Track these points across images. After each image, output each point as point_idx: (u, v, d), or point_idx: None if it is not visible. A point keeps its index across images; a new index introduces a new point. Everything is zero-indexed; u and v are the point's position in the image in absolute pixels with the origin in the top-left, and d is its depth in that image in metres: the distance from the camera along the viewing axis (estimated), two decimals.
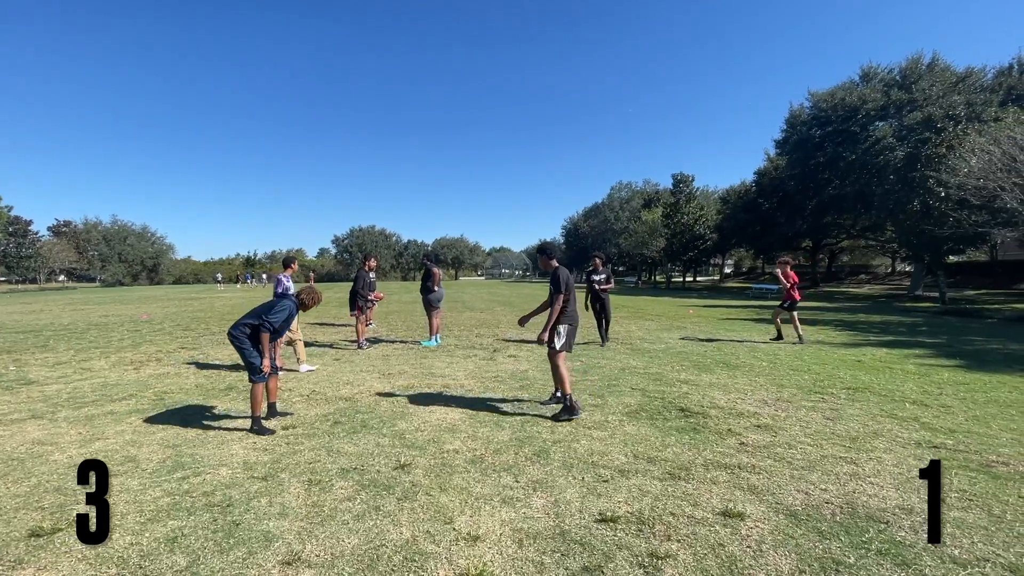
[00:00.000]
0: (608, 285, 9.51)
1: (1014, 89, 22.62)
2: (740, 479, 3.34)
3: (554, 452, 3.85)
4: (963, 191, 15.46)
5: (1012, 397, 5.50)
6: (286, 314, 4.61)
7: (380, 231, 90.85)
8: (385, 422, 4.67)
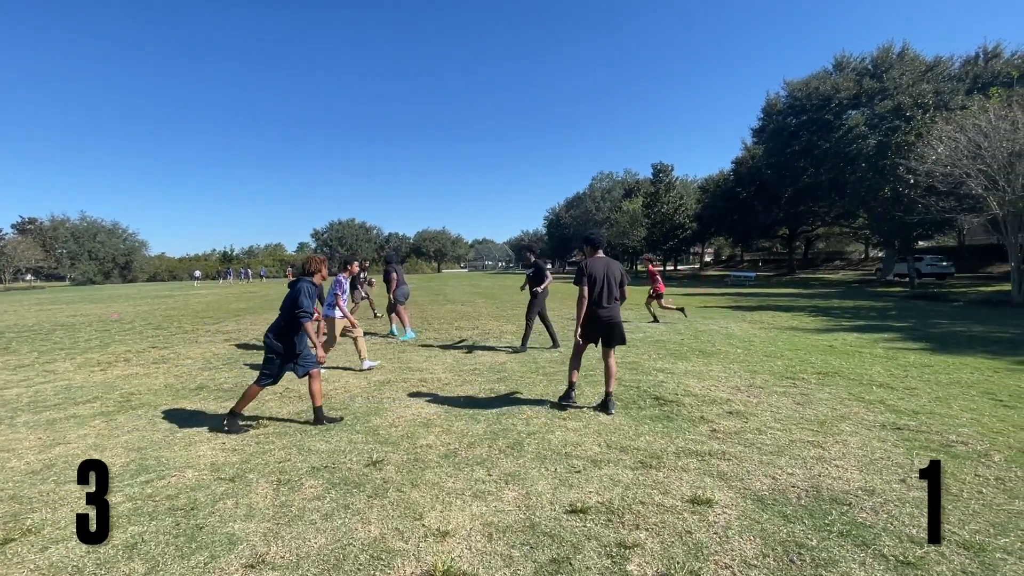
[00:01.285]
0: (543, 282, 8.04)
1: (979, 78, 23.22)
2: (710, 466, 3.38)
3: (528, 444, 3.85)
4: (931, 178, 15.86)
5: (973, 378, 5.68)
6: (305, 294, 4.40)
7: (360, 224, 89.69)
8: (359, 418, 4.61)
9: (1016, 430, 3.95)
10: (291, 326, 4.41)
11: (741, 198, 33.76)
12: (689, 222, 37.82)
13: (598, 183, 63.25)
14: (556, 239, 75.13)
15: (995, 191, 14.31)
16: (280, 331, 4.41)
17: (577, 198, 67.51)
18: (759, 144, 33.62)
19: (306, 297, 4.36)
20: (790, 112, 29.52)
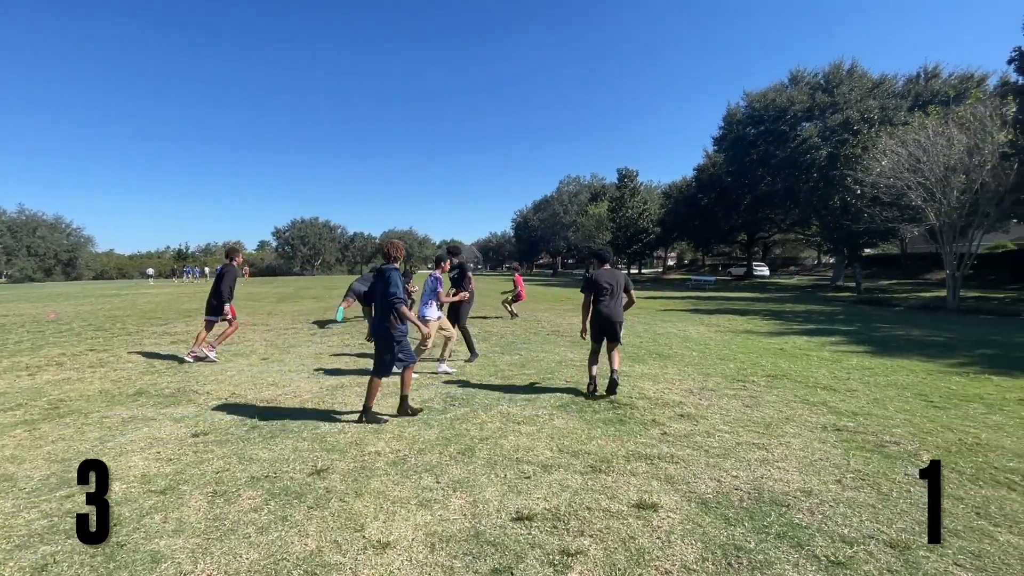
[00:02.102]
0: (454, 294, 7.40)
1: (920, 96, 24.71)
2: (658, 469, 3.42)
3: (480, 450, 3.80)
4: (876, 189, 16.73)
5: (908, 380, 5.98)
6: (394, 281, 4.47)
7: (324, 223, 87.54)
8: (307, 424, 4.45)
9: (944, 430, 4.16)
10: (391, 315, 4.49)
11: (702, 204, 34.79)
12: (653, 226, 38.68)
13: (565, 186, 63.94)
14: (524, 241, 75.43)
15: (933, 203, 15.20)
16: (384, 321, 4.48)
17: (545, 201, 68.01)
18: (720, 152, 34.73)
19: (396, 285, 4.44)
20: (749, 122, 30.61)
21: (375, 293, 4.61)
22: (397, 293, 4.40)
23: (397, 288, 4.42)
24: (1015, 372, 6.35)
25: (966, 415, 4.59)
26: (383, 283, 4.48)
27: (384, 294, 4.44)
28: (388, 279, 4.46)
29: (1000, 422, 4.38)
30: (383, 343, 4.51)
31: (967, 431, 4.14)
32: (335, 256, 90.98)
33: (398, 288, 4.43)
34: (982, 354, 7.68)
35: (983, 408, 4.81)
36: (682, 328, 10.77)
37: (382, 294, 4.48)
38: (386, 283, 4.45)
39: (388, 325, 4.46)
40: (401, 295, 4.43)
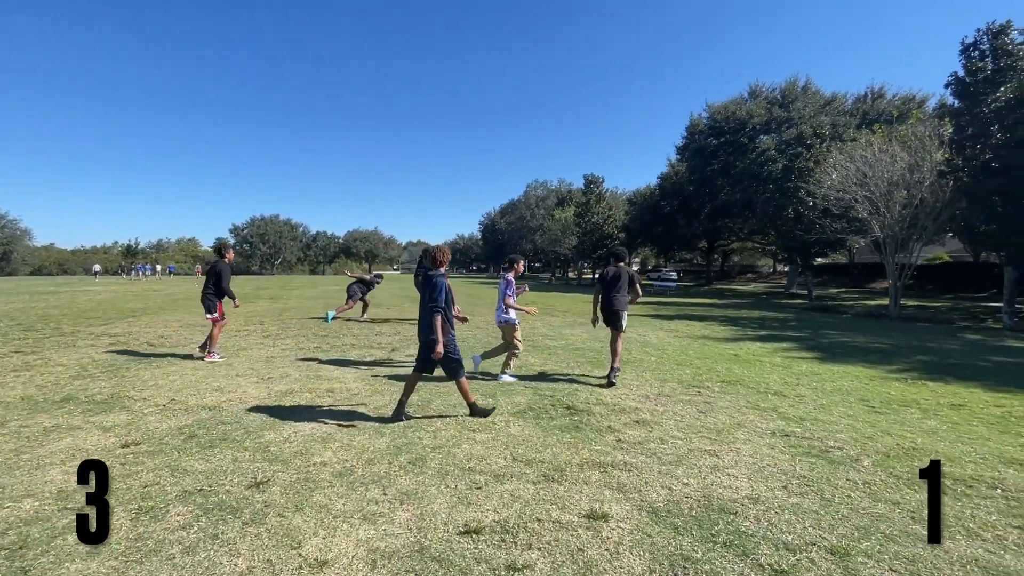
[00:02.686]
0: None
1: (867, 114, 26.14)
2: (611, 478, 3.40)
3: (431, 459, 3.68)
4: (827, 201, 17.53)
5: (853, 385, 6.22)
6: (441, 288, 4.49)
7: (285, 221, 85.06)
8: (250, 433, 4.22)
9: (883, 435, 4.33)
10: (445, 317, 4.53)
11: (665, 212, 35.68)
12: (617, 232, 39.32)
13: (533, 190, 64.31)
14: (491, 244, 75.34)
15: (877, 216, 16.04)
16: (432, 327, 4.46)
17: (512, 205, 68.19)
18: (682, 161, 35.71)
19: (442, 292, 4.47)
20: (711, 133, 31.61)
21: (423, 301, 4.62)
22: (439, 302, 4.43)
23: (440, 296, 4.45)
24: (948, 378, 6.71)
25: (904, 420, 4.79)
26: (429, 289, 4.51)
27: (430, 302, 4.47)
28: (435, 285, 4.49)
29: (934, 427, 4.60)
30: (427, 351, 4.53)
31: (904, 436, 4.31)
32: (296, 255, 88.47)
33: (441, 296, 4.45)
34: (919, 360, 8.10)
35: (919, 413, 5.04)
36: (642, 333, 10.93)
37: (428, 302, 4.50)
38: (431, 290, 4.49)
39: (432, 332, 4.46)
40: (443, 304, 4.45)
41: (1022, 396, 5.78)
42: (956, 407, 5.27)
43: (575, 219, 40.67)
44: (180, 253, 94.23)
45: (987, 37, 13.76)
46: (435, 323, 4.40)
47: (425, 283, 4.62)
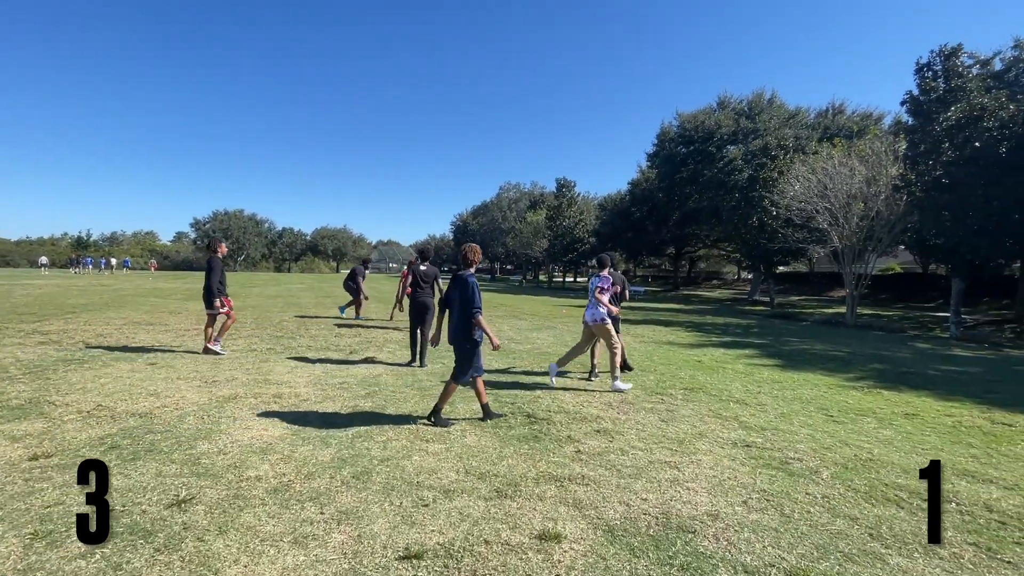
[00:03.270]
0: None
1: (828, 128, 27.08)
2: (568, 493, 3.22)
3: (378, 472, 3.43)
4: (789, 211, 18.00)
5: (812, 394, 6.26)
6: (474, 289, 4.44)
7: (250, 216, 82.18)
8: (181, 443, 3.87)
9: (842, 445, 4.31)
10: (470, 322, 4.43)
11: (635, 217, 36.16)
12: (588, 237, 39.59)
13: (505, 192, 64.22)
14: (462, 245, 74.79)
15: (836, 227, 16.56)
16: (463, 329, 4.42)
17: (484, 206, 67.91)
18: (653, 168, 36.23)
19: (477, 292, 4.40)
20: (680, 141, 32.17)
21: (451, 300, 4.55)
22: (476, 303, 4.38)
23: (476, 297, 4.39)
24: (901, 387, 6.85)
25: (861, 430, 4.80)
26: (461, 290, 4.44)
27: (463, 302, 4.40)
28: (466, 285, 4.43)
29: (890, 437, 4.62)
30: (460, 352, 4.48)
31: (862, 446, 4.31)
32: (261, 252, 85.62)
33: (476, 297, 4.39)
34: (874, 369, 8.29)
35: (875, 422, 5.08)
36: None
37: (461, 302, 4.42)
38: (463, 290, 4.43)
39: (465, 335, 4.43)
40: (480, 305, 4.40)
41: (970, 405, 5.92)
42: (910, 416, 5.34)
43: (546, 222, 40.74)
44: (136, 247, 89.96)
45: (940, 59, 14.40)
46: (481, 325, 4.39)
47: (455, 283, 4.54)
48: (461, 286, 4.46)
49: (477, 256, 4.74)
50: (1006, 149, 12.38)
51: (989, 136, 12.64)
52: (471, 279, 4.49)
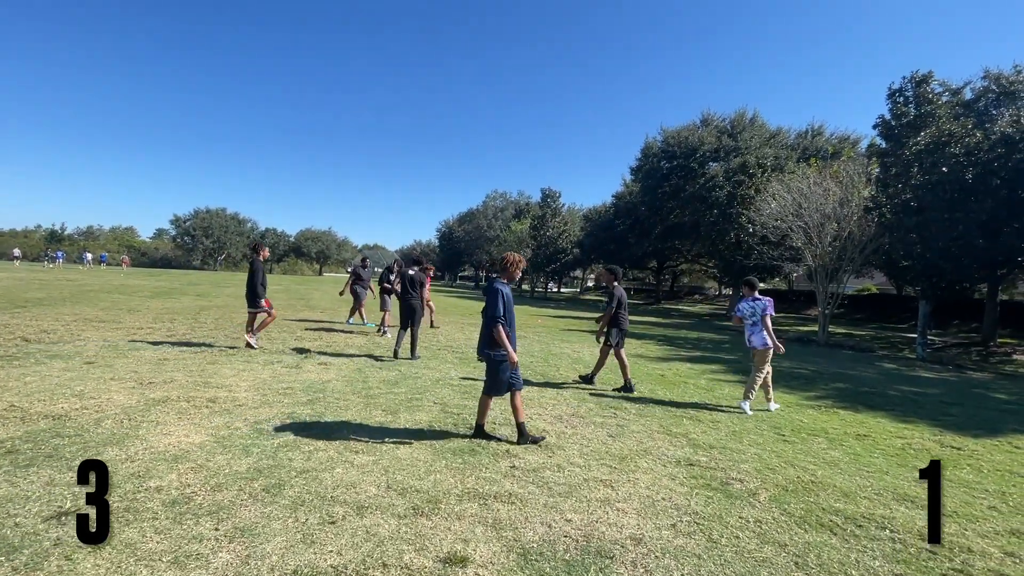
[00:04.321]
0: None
1: (807, 149, 27.64)
2: (490, 511, 3.05)
3: (292, 485, 3.22)
4: (765, 229, 18.19)
5: (769, 412, 6.18)
6: (497, 298, 4.19)
7: (232, 215, 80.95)
8: (88, 450, 3.62)
9: (787, 466, 4.21)
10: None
11: (618, 230, 36.29)
12: (571, 247, 39.63)
13: (492, 201, 64.24)
14: (448, 252, 74.56)
15: (810, 245, 16.75)
16: (491, 340, 4.23)
17: (470, 213, 67.84)
18: (636, 182, 36.51)
19: (501, 301, 4.19)
20: (663, 156, 32.48)
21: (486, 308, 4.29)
22: (495, 313, 4.17)
23: (495, 308, 4.17)
24: (859, 407, 6.82)
25: (809, 450, 4.72)
26: (487, 298, 4.24)
27: (492, 313, 4.20)
28: (492, 293, 4.23)
29: (836, 458, 4.54)
30: (487, 365, 4.33)
31: (806, 467, 4.21)
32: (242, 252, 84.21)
33: (496, 308, 4.17)
34: (836, 388, 8.28)
35: (825, 443, 5.00)
36: (576, 349, 10.76)
37: (484, 310, 4.27)
38: (488, 297, 4.23)
39: (489, 345, 4.26)
40: (499, 315, 4.17)
41: (923, 428, 5.89)
42: (861, 437, 5.28)
43: (531, 232, 40.74)
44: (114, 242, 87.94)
45: (911, 84, 14.74)
46: (498, 336, 4.17)
47: (486, 290, 4.36)
48: (488, 294, 4.26)
49: (516, 266, 4.48)
50: (971, 175, 12.66)
51: (956, 162, 12.92)
52: (500, 288, 4.24)
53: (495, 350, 4.24)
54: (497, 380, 4.29)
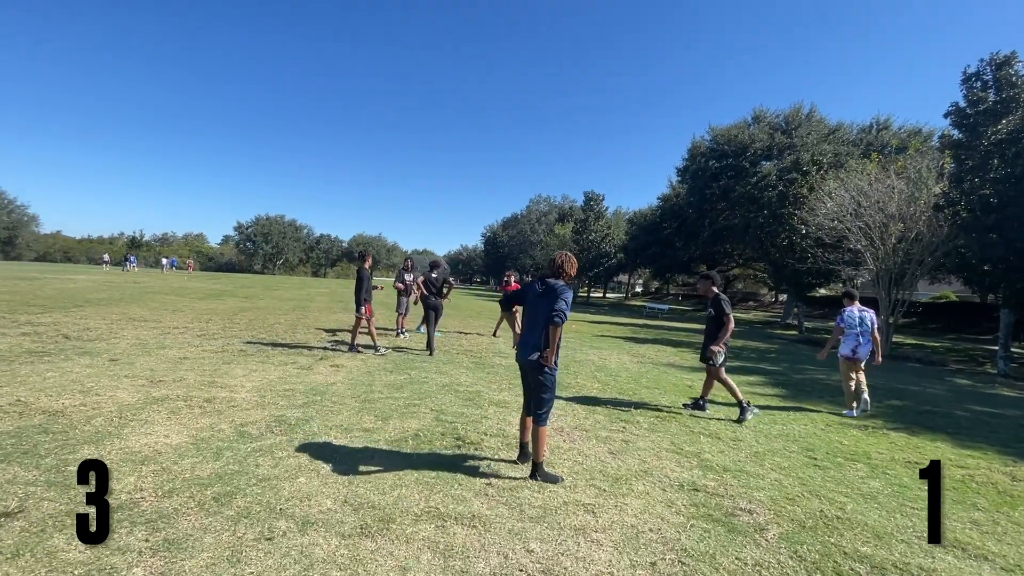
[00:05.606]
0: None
1: (871, 145, 25.51)
2: (446, 535, 2.75)
3: (245, 495, 3.05)
4: (821, 230, 16.84)
5: (803, 431, 5.52)
6: (568, 297, 3.52)
7: (290, 222, 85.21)
8: (66, 447, 3.61)
9: (810, 497, 3.64)
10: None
11: (664, 233, 35.08)
12: (615, 252, 38.67)
13: (535, 205, 64.01)
14: (493, 257, 74.98)
15: (872, 248, 15.33)
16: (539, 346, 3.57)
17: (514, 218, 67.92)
18: (683, 183, 35.14)
19: (567, 300, 3.50)
20: (712, 155, 31.05)
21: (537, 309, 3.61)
22: (563, 311, 3.46)
23: (567, 308, 3.50)
24: (915, 428, 5.99)
25: (843, 478, 4.10)
26: (551, 300, 3.50)
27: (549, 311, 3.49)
28: (558, 293, 3.50)
29: (876, 489, 3.90)
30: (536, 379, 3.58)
31: (835, 499, 3.62)
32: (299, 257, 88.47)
33: (561, 307, 3.47)
34: (891, 405, 7.37)
35: (866, 470, 4.34)
36: (604, 356, 10.25)
37: (547, 310, 3.51)
38: (553, 298, 3.49)
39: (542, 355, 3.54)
40: (566, 316, 3.49)
41: (992, 456, 5.05)
42: (911, 465, 4.56)
43: (573, 236, 40.14)
44: (185, 248, 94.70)
45: (990, 68, 13.18)
46: (554, 336, 3.50)
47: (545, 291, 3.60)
48: (550, 295, 3.55)
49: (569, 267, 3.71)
50: None
51: None
52: (564, 290, 3.56)
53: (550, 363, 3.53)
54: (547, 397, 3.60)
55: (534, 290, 3.66)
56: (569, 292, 3.55)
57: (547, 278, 3.66)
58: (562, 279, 3.64)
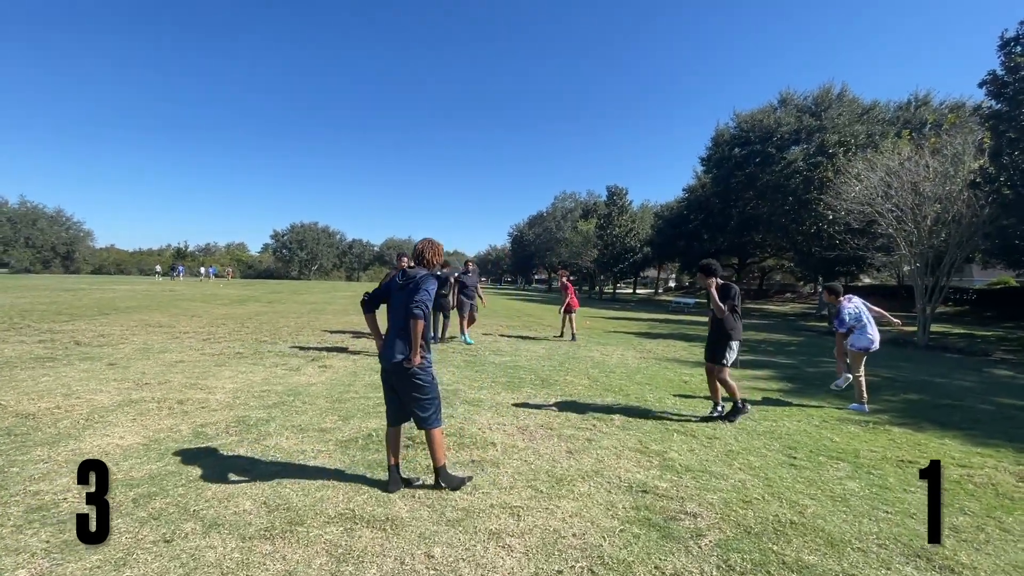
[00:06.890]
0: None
1: (909, 123, 23.94)
2: (350, 538, 2.65)
3: (166, 496, 3.05)
4: (849, 215, 15.90)
5: (793, 427, 5.16)
6: (431, 287, 3.23)
7: (323, 228, 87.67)
8: (20, 448, 3.73)
9: (770, 499, 3.35)
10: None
11: (689, 225, 34.04)
12: (641, 246, 37.84)
13: (560, 202, 63.45)
14: (520, 256, 74.87)
15: (904, 231, 14.36)
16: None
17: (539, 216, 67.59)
18: (707, 172, 34.02)
19: (428, 294, 3.19)
20: (736, 143, 29.94)
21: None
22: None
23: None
24: (924, 424, 5.50)
25: (818, 479, 3.77)
26: (411, 292, 3.22)
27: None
28: (417, 286, 3.22)
29: (851, 490, 3.56)
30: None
31: (798, 502, 3.32)
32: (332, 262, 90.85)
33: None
34: (906, 399, 6.83)
35: (848, 470, 3.99)
36: (607, 352, 9.96)
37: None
38: (414, 291, 3.20)
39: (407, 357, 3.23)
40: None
41: (1005, 454, 4.56)
42: (903, 464, 4.16)
43: (596, 231, 39.51)
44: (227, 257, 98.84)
45: None
46: (412, 330, 3.14)
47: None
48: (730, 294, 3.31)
49: (432, 255, 3.43)
50: None
51: None
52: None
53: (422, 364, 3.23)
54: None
55: (395, 283, 3.37)
56: (433, 282, 3.24)
57: (408, 269, 3.38)
58: (424, 267, 3.38)
